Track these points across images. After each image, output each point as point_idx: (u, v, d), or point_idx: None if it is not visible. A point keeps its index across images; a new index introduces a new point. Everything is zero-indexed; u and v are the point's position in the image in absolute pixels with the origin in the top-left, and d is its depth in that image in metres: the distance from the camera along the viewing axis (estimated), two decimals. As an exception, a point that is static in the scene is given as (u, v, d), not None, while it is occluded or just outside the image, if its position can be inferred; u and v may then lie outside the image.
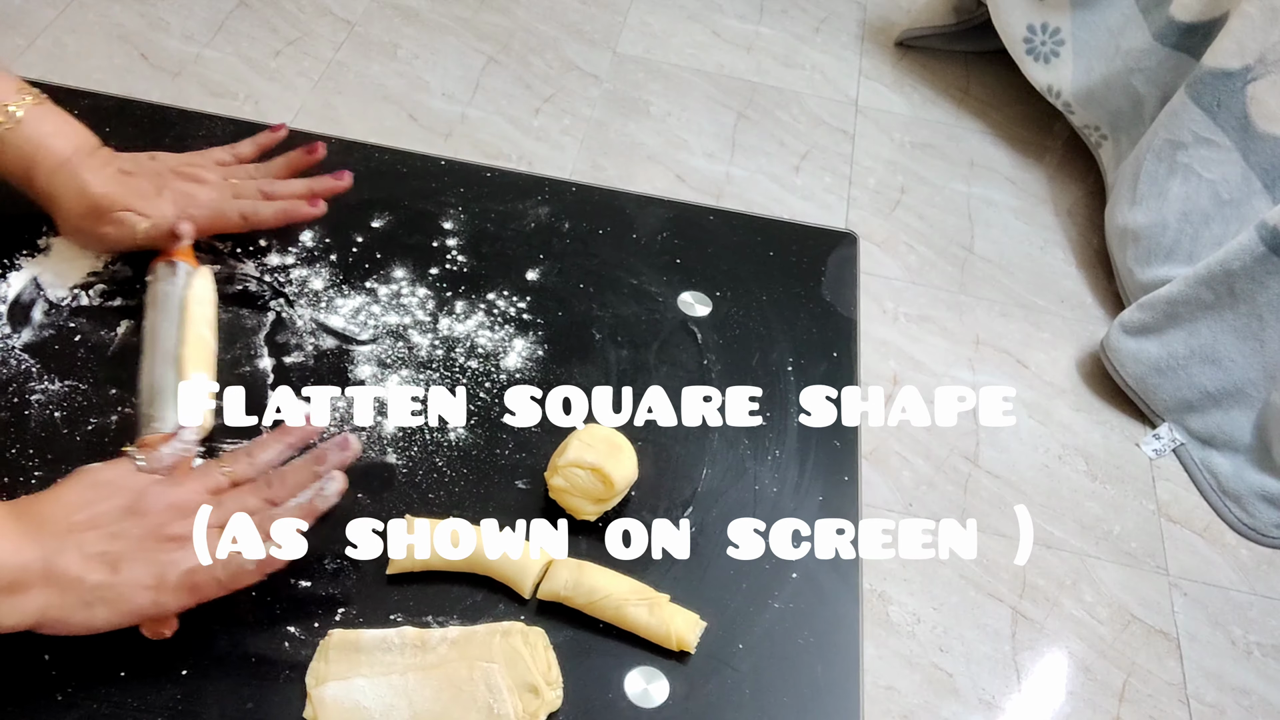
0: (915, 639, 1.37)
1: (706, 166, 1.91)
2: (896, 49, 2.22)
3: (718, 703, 0.61)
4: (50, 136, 0.71)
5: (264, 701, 0.58)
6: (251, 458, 0.62)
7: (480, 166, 0.89)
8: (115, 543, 0.56)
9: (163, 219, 0.73)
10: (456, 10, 2.10)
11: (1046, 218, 1.95)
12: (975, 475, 1.55)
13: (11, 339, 0.72)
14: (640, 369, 0.77)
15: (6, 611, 0.53)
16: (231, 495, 0.60)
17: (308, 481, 0.61)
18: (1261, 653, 1.43)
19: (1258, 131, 1.57)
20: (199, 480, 0.60)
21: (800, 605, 0.66)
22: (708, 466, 0.72)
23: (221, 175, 0.78)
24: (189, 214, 0.74)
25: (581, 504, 0.66)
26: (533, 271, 0.82)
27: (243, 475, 0.62)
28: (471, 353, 0.76)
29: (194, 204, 0.75)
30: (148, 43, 1.93)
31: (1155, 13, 1.77)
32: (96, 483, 0.58)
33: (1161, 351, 1.59)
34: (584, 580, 0.63)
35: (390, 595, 0.63)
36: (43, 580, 0.54)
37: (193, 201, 0.75)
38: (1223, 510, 1.56)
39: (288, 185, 0.79)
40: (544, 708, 0.58)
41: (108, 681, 0.58)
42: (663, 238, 0.87)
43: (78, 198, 0.71)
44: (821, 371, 0.79)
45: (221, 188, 0.77)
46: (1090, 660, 1.38)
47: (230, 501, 0.60)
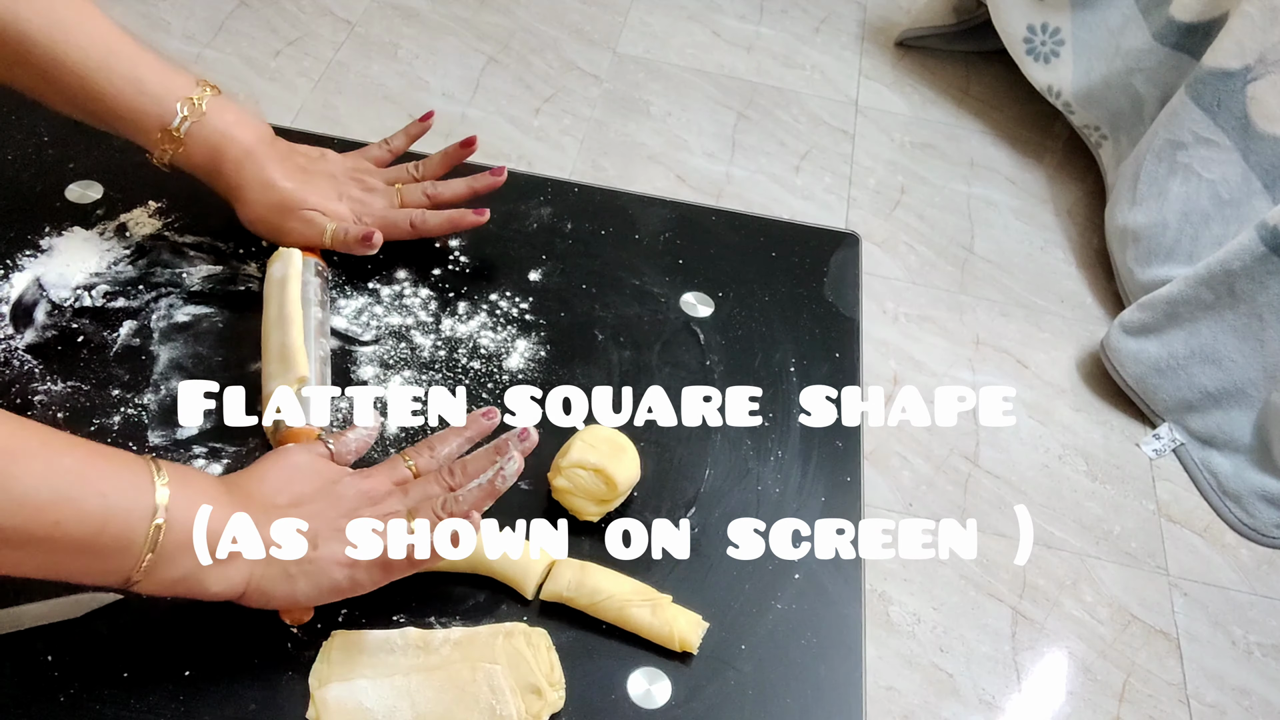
0: (915, 639, 1.37)
1: (707, 166, 1.91)
2: (896, 49, 2.22)
3: (720, 704, 0.61)
4: (234, 126, 0.73)
5: (266, 702, 0.58)
6: (433, 450, 0.64)
7: (482, 166, 0.89)
8: (315, 522, 0.58)
9: (346, 224, 0.76)
10: (456, 10, 2.10)
11: (1046, 218, 1.95)
12: (975, 475, 1.55)
13: (14, 340, 0.72)
14: (642, 369, 0.77)
15: (216, 578, 0.55)
16: (416, 484, 0.62)
17: (487, 469, 0.62)
18: (1262, 653, 1.43)
19: (1258, 131, 1.57)
20: (385, 472, 0.63)
21: (803, 606, 0.66)
22: (710, 467, 0.72)
23: (387, 179, 0.80)
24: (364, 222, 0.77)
25: (584, 505, 0.66)
26: (535, 272, 0.82)
27: (426, 467, 0.64)
28: (474, 353, 0.76)
29: (368, 211, 0.77)
30: (148, 43, 1.92)
31: (1155, 13, 1.77)
32: (295, 465, 0.61)
33: (1161, 351, 1.59)
34: (586, 581, 0.63)
35: (393, 596, 0.63)
36: None
37: (367, 209, 0.78)
38: (1223, 510, 1.56)
39: (450, 187, 0.80)
40: (546, 709, 0.58)
41: (110, 683, 0.58)
42: (665, 238, 0.87)
43: (264, 190, 0.73)
44: (824, 372, 0.79)
45: (390, 195, 0.79)
46: (1090, 660, 1.38)
47: (416, 489, 0.62)
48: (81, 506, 0.50)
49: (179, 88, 0.71)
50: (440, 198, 0.80)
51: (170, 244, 0.79)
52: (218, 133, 0.72)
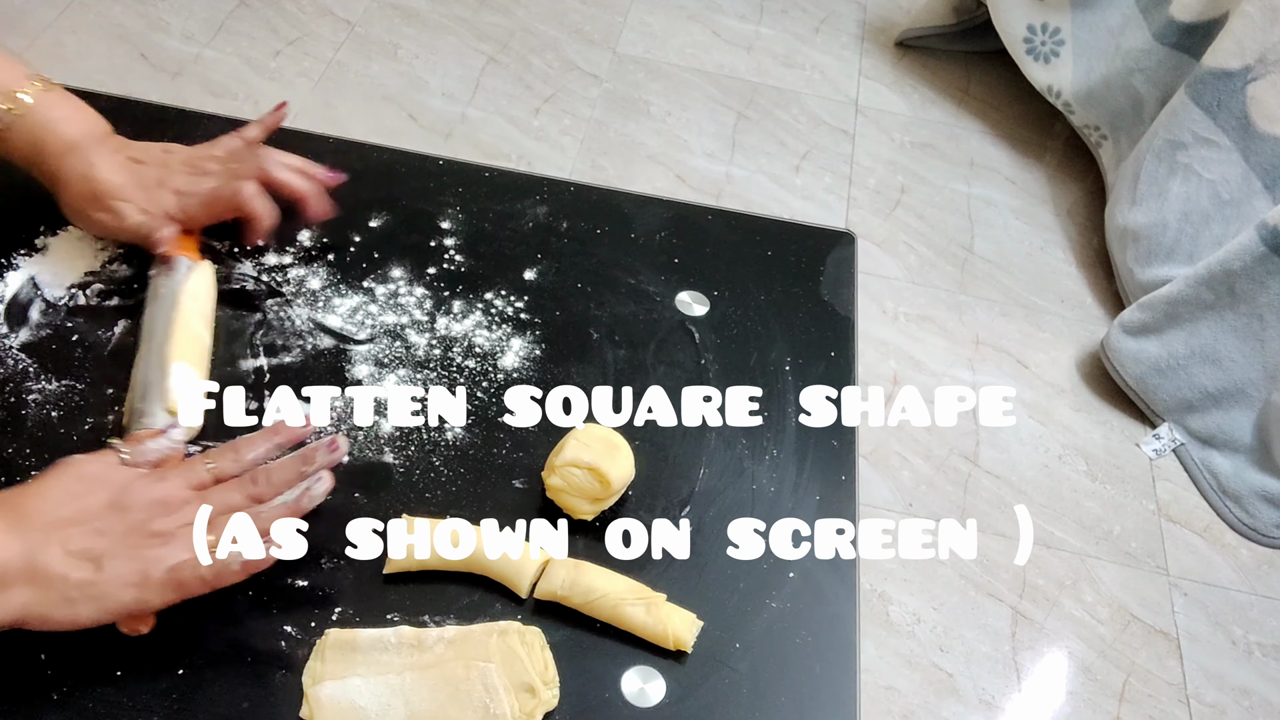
0: (915, 639, 1.37)
1: (706, 166, 1.91)
2: (896, 49, 2.22)
3: (715, 702, 0.61)
4: (60, 123, 0.72)
5: (260, 701, 0.58)
6: (237, 454, 0.62)
7: (478, 166, 0.89)
8: (99, 539, 0.55)
9: (153, 215, 0.73)
10: (456, 10, 2.10)
11: (1046, 218, 1.95)
12: (975, 475, 1.55)
13: (9, 338, 0.72)
14: (638, 368, 0.77)
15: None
16: (215, 491, 0.60)
17: (294, 480, 0.61)
18: (1262, 653, 1.42)
19: (1258, 131, 1.57)
20: (183, 476, 0.60)
21: (798, 605, 0.66)
22: (705, 466, 0.72)
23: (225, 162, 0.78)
24: (187, 207, 0.74)
25: (579, 503, 0.66)
26: (530, 271, 0.82)
27: (227, 471, 0.61)
28: (469, 352, 0.76)
29: (194, 193, 0.75)
30: (148, 43, 1.93)
31: (1155, 13, 1.77)
32: (80, 476, 0.57)
33: (1161, 351, 1.59)
34: (581, 580, 0.63)
35: (387, 595, 0.63)
36: (25, 577, 0.53)
37: (193, 192, 0.75)
38: (1223, 510, 1.56)
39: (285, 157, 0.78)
40: (540, 707, 0.58)
41: (103, 680, 0.58)
42: (661, 237, 0.86)
43: (82, 181, 0.72)
44: (819, 371, 0.79)
45: (222, 175, 0.77)
46: (1090, 660, 1.38)
47: (215, 497, 0.59)
48: None
49: (5, 80, 0.71)
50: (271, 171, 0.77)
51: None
52: (40, 126, 0.71)
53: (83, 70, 1.85)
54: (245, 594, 0.61)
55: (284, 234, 0.81)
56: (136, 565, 0.55)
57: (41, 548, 0.54)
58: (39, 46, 1.88)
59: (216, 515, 0.58)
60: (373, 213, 0.84)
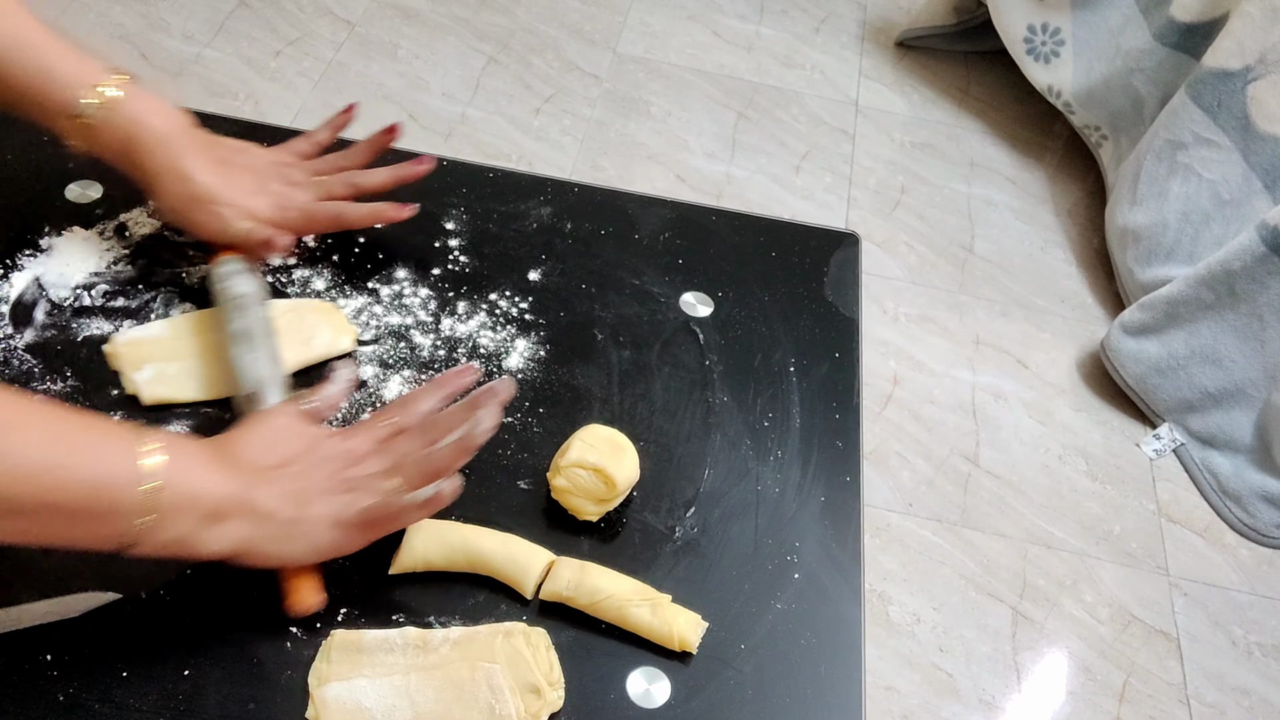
0: (915, 639, 1.37)
1: (707, 166, 1.91)
2: (896, 49, 2.22)
3: (720, 703, 0.61)
4: (148, 114, 0.72)
5: (266, 702, 0.58)
6: (410, 407, 0.65)
7: (482, 167, 0.89)
8: (301, 482, 0.60)
9: (261, 221, 0.75)
10: (456, 10, 2.10)
11: (1046, 218, 1.95)
12: (975, 475, 1.55)
13: (14, 339, 0.72)
14: (642, 369, 0.77)
15: (210, 539, 0.56)
16: (396, 442, 0.63)
17: (461, 424, 0.62)
18: (1262, 653, 1.43)
19: (1258, 131, 1.57)
20: (366, 431, 0.64)
21: (802, 606, 0.66)
22: (709, 467, 0.72)
23: (310, 173, 0.79)
24: (284, 217, 0.76)
25: (583, 504, 0.66)
26: (535, 272, 0.82)
27: (404, 424, 0.64)
28: (473, 353, 0.76)
29: (291, 205, 0.76)
30: (148, 43, 1.93)
31: (1155, 13, 1.77)
32: (277, 428, 0.62)
33: (1162, 351, 1.59)
34: (586, 581, 0.63)
35: (392, 595, 0.63)
36: (243, 511, 0.57)
37: (289, 204, 0.76)
38: (1223, 510, 1.56)
39: (374, 176, 0.80)
40: (546, 708, 0.58)
41: (109, 681, 0.58)
42: (665, 238, 0.87)
43: (179, 183, 0.72)
44: (823, 372, 0.79)
45: (313, 189, 0.78)
46: (1090, 660, 1.38)
47: (396, 447, 0.63)
48: (74, 474, 0.51)
49: (88, 75, 0.70)
50: (363, 187, 0.79)
51: (169, 244, 0.79)
52: (130, 119, 0.71)
53: (83, 70, 1.85)
54: (251, 594, 0.61)
55: None
56: (334, 509, 0.60)
57: (256, 486, 0.58)
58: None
59: (396, 463, 0.62)
60: (376, 213, 0.83)
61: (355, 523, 0.60)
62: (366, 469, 0.61)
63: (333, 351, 0.74)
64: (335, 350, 0.74)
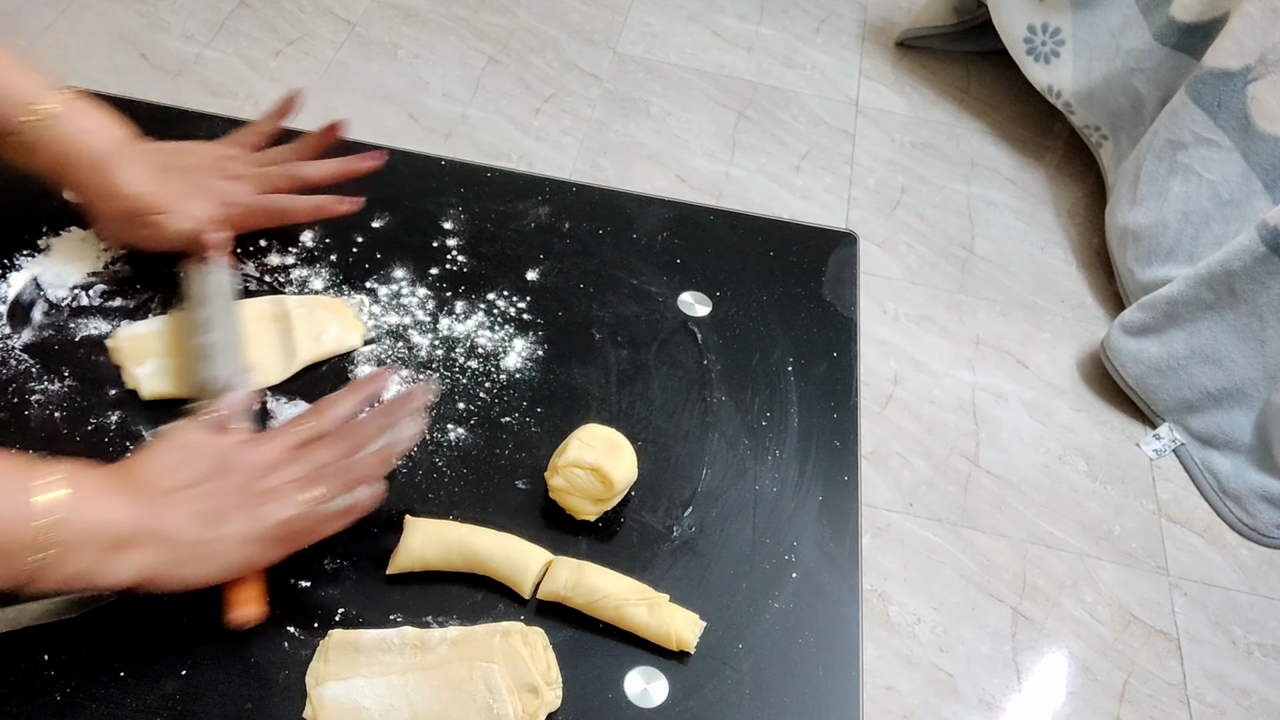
0: (915, 639, 1.37)
1: (706, 166, 1.91)
2: (896, 49, 2.22)
3: (717, 703, 0.61)
4: (83, 134, 0.70)
5: (263, 702, 0.58)
6: (326, 413, 0.64)
7: (480, 166, 0.89)
8: (212, 500, 0.58)
9: (198, 222, 0.74)
10: (456, 10, 2.10)
11: (1046, 218, 1.95)
12: (975, 475, 1.55)
13: (12, 339, 0.72)
14: (640, 369, 0.77)
15: (115, 569, 0.55)
16: (311, 450, 0.62)
17: (381, 432, 0.62)
18: (1262, 653, 1.43)
19: (1258, 131, 1.57)
20: (279, 438, 0.62)
21: (800, 605, 0.66)
22: (707, 466, 0.72)
23: (254, 164, 0.78)
24: (226, 214, 0.75)
25: (581, 504, 0.66)
26: (533, 271, 0.82)
27: (319, 430, 0.63)
28: (471, 353, 0.76)
29: (231, 203, 0.75)
30: (148, 43, 1.93)
31: (1155, 13, 1.77)
32: (184, 444, 0.60)
33: (1162, 351, 1.59)
34: (584, 580, 0.63)
35: (390, 595, 0.63)
36: (147, 538, 0.56)
37: (230, 200, 0.75)
38: (1223, 510, 1.56)
39: (319, 168, 0.79)
40: (543, 708, 0.58)
41: (107, 681, 0.58)
42: (663, 238, 0.87)
43: (110, 201, 0.72)
44: (822, 371, 0.79)
45: (256, 182, 0.77)
46: (1090, 660, 1.38)
47: (311, 456, 0.62)
48: None
49: (29, 92, 0.69)
50: (307, 180, 0.78)
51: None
52: (63, 139, 0.69)
53: (83, 70, 1.85)
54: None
55: (286, 234, 0.81)
56: (248, 523, 0.58)
57: (161, 511, 0.56)
58: (39, 46, 1.88)
59: (314, 471, 0.60)
60: (375, 213, 0.84)
61: (272, 536, 0.59)
62: (281, 477, 0.60)
63: (342, 347, 0.74)
64: (344, 346, 0.75)
